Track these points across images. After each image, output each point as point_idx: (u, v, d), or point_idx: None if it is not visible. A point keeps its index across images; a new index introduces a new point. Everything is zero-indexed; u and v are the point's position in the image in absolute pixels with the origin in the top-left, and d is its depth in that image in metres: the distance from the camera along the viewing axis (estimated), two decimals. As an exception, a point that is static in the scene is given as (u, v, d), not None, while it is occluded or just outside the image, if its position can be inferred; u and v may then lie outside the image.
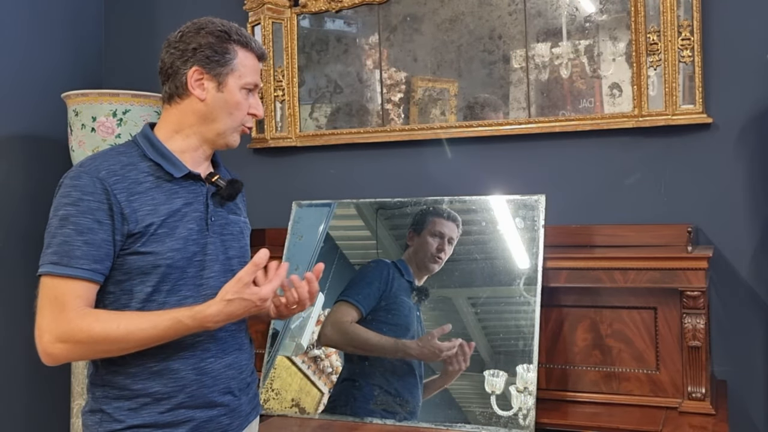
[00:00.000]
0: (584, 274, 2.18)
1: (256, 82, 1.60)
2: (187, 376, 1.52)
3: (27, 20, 2.98)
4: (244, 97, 1.59)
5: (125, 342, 1.44)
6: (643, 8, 2.40)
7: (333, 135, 2.88)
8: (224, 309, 1.44)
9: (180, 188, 1.56)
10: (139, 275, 1.49)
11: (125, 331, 1.43)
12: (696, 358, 2.07)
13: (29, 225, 2.89)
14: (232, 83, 1.56)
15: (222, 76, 1.56)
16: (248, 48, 1.59)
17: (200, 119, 1.57)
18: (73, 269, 1.43)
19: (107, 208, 1.46)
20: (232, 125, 1.59)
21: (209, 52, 1.55)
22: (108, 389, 1.51)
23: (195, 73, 1.55)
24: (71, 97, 2.72)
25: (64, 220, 1.45)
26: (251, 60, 1.60)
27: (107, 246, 1.46)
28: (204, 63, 1.55)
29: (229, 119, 1.58)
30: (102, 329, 1.42)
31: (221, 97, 1.56)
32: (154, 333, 1.44)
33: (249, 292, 1.44)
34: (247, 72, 1.58)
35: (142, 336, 1.44)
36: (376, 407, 2.22)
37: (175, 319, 1.44)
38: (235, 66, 1.56)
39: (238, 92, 1.57)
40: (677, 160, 2.42)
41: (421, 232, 2.35)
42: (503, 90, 2.65)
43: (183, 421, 1.52)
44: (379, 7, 2.81)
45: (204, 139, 1.60)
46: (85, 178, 1.47)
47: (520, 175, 2.57)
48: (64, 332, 1.43)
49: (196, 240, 1.54)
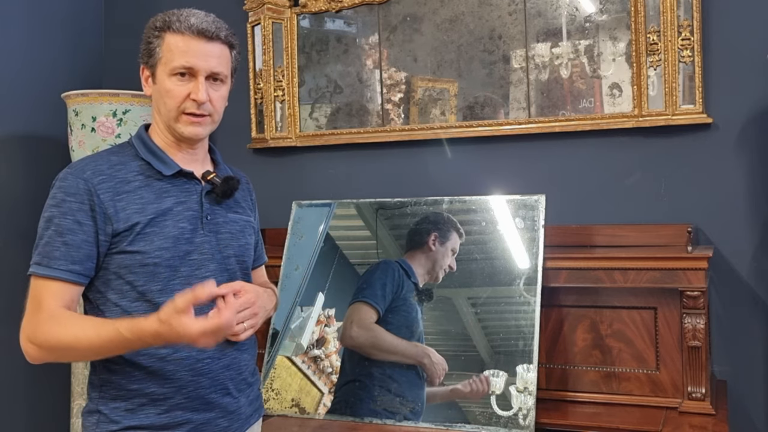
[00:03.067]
0: (584, 274, 2.18)
1: (184, 64, 1.51)
2: (183, 377, 1.51)
3: (27, 20, 2.98)
4: (176, 83, 1.52)
5: (75, 350, 1.42)
6: (643, 8, 2.40)
7: (333, 135, 2.88)
8: (158, 329, 1.33)
9: (171, 187, 1.55)
10: (128, 274, 1.48)
11: (74, 338, 1.40)
12: (696, 358, 2.07)
13: (29, 225, 2.86)
14: (160, 72, 1.54)
15: (154, 68, 1.55)
16: (172, 30, 1.52)
17: (156, 113, 1.59)
18: (51, 270, 1.44)
19: (88, 209, 1.46)
20: (169, 114, 1.54)
21: (143, 48, 1.58)
22: (105, 390, 1.51)
23: (143, 71, 1.59)
24: (71, 97, 2.72)
25: (49, 221, 1.47)
26: (181, 41, 1.52)
27: (88, 247, 1.46)
28: (143, 60, 1.58)
29: (165, 108, 1.55)
30: (57, 332, 1.41)
31: (156, 89, 1.56)
32: (98, 342, 1.38)
33: (178, 321, 1.31)
34: (173, 56, 1.52)
35: (88, 345, 1.39)
36: (377, 407, 2.22)
37: (115, 329, 1.37)
38: (160, 53, 1.54)
39: (168, 80, 1.53)
40: (677, 160, 2.42)
41: (445, 244, 2.34)
42: (503, 90, 2.65)
43: (180, 423, 1.51)
44: (379, 7, 2.81)
45: (169, 131, 1.58)
46: (70, 179, 1.49)
47: (520, 175, 2.57)
48: (32, 334, 1.44)
49: (189, 239, 1.53)
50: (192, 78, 1.52)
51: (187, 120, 1.54)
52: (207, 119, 1.56)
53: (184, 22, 1.52)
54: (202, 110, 1.54)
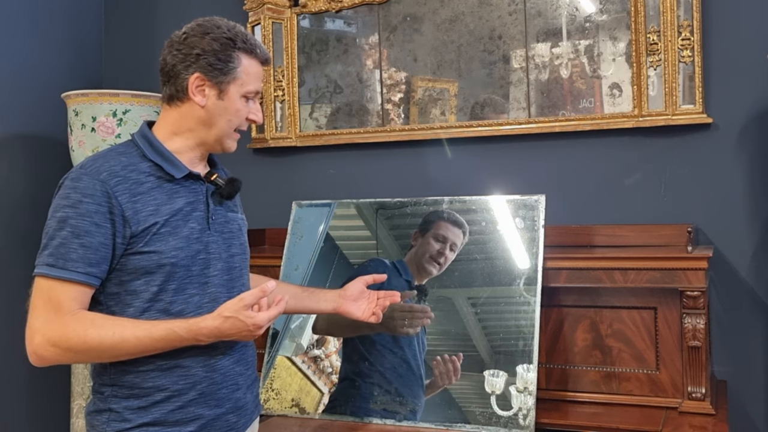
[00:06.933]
0: (584, 274, 2.18)
1: (257, 89, 1.60)
2: (197, 373, 1.53)
3: (27, 20, 2.98)
4: (243, 104, 1.58)
5: (118, 350, 1.44)
6: (643, 8, 2.40)
7: (333, 135, 2.88)
8: (220, 325, 1.45)
9: (181, 188, 1.56)
10: (144, 275, 1.49)
11: (120, 338, 1.43)
12: (696, 358, 2.07)
13: (29, 225, 2.89)
14: (234, 91, 1.56)
15: (224, 84, 1.55)
16: (252, 55, 1.58)
17: (199, 124, 1.57)
18: (68, 272, 1.43)
19: (107, 211, 1.45)
20: (228, 131, 1.59)
21: (213, 60, 1.53)
22: (117, 388, 1.51)
23: (197, 79, 1.54)
24: (71, 97, 2.72)
25: (63, 222, 1.45)
26: (255, 67, 1.59)
27: (105, 249, 1.46)
28: (206, 70, 1.54)
29: (227, 125, 1.58)
30: (97, 335, 1.42)
31: (221, 105, 1.56)
32: (148, 342, 1.44)
33: (246, 315, 1.45)
34: (249, 80, 1.57)
35: (135, 344, 1.44)
36: (376, 407, 2.22)
37: (169, 329, 1.45)
38: (238, 74, 1.55)
39: (239, 100, 1.57)
40: (677, 160, 2.42)
41: (426, 234, 2.35)
42: (503, 90, 2.65)
43: (191, 419, 1.52)
44: (379, 7, 2.81)
45: (201, 142, 1.60)
46: (85, 179, 1.47)
47: (520, 175, 2.57)
48: (58, 336, 1.43)
49: (199, 238, 1.54)
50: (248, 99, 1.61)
51: (236, 136, 1.63)
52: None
53: (260, 49, 1.60)
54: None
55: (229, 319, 1.45)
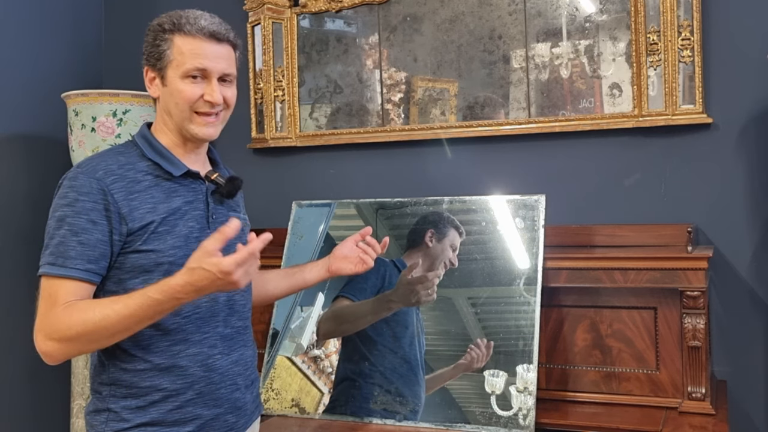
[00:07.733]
0: (584, 274, 2.18)
1: (197, 66, 1.53)
2: (195, 372, 1.53)
3: (27, 20, 2.98)
4: (188, 85, 1.54)
5: (103, 328, 1.41)
6: (643, 8, 2.40)
7: (333, 135, 2.88)
8: (189, 278, 1.38)
9: (180, 187, 1.57)
10: (142, 273, 1.49)
11: (101, 316, 1.40)
12: (696, 358, 2.07)
13: (29, 225, 2.89)
14: (171, 74, 1.55)
15: (163, 70, 1.56)
16: (183, 33, 1.54)
17: (164, 114, 1.59)
18: (67, 269, 1.44)
19: (103, 209, 1.46)
20: (182, 115, 1.56)
21: (149, 50, 1.57)
22: (115, 388, 1.52)
23: (147, 73, 1.59)
24: (71, 97, 2.72)
25: (61, 221, 1.46)
26: (189, 44, 1.54)
27: (103, 246, 1.46)
28: (148, 62, 1.59)
29: (178, 110, 1.56)
30: (81, 319, 1.41)
31: (167, 91, 1.56)
32: (127, 313, 1.40)
33: (209, 262, 1.36)
34: (185, 59, 1.53)
35: (117, 318, 1.40)
36: (377, 407, 2.22)
37: (143, 294, 1.40)
38: (171, 56, 1.54)
39: (180, 82, 1.54)
40: (677, 160, 2.42)
41: (443, 240, 2.34)
42: (503, 90, 2.65)
43: (190, 419, 1.52)
44: (379, 7, 2.81)
45: (177, 132, 1.59)
46: (81, 178, 1.48)
47: (520, 175, 2.57)
48: (51, 329, 1.43)
49: (198, 238, 1.54)
50: (203, 80, 1.55)
51: (202, 121, 1.57)
52: (219, 119, 1.59)
53: (195, 25, 1.54)
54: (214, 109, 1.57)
55: (196, 270, 1.37)
